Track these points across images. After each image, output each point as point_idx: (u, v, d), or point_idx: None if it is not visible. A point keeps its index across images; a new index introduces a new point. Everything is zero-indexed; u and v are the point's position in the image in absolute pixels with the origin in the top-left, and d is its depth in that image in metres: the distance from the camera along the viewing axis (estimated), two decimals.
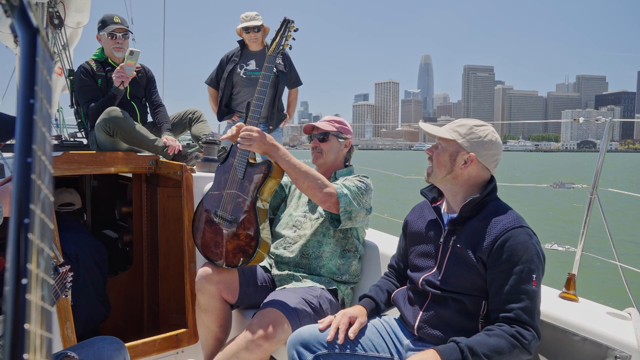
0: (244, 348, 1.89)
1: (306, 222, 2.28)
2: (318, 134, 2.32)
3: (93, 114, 3.11)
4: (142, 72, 3.41)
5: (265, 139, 2.00)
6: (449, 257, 1.64)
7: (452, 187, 1.70)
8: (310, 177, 2.02)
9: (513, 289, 1.47)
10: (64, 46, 4.10)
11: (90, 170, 2.83)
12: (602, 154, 2.14)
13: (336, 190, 2.05)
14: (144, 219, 3.42)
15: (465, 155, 1.64)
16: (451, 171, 1.66)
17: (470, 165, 1.65)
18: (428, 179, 1.75)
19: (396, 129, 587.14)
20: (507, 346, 1.40)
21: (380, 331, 1.77)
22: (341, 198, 2.05)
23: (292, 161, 2.03)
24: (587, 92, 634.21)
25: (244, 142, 2.00)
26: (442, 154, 1.68)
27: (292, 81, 4.38)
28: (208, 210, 2.17)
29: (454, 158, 1.65)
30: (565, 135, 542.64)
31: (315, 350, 1.66)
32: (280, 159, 2.02)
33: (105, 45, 3.22)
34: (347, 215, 2.07)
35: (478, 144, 1.63)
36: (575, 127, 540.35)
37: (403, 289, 1.86)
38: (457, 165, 1.65)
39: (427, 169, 1.75)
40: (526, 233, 1.54)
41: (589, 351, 1.53)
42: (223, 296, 2.15)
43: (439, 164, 1.68)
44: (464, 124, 1.67)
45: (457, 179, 1.67)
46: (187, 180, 2.75)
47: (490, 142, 1.64)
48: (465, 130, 1.65)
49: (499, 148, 1.67)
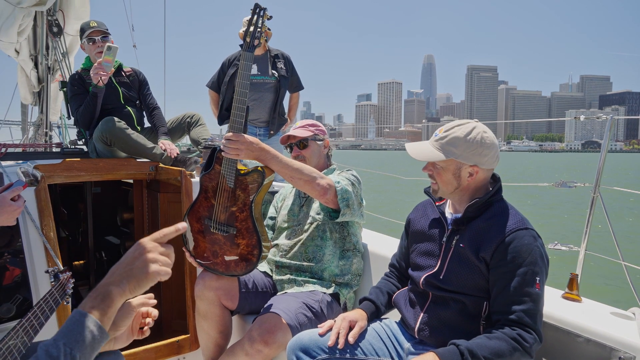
0: (244, 353, 1.88)
1: (300, 229, 2.27)
2: (297, 142, 2.33)
3: (80, 117, 3.10)
4: (133, 75, 3.39)
5: (253, 146, 1.94)
6: (452, 256, 1.62)
7: (462, 197, 1.67)
8: (305, 172, 2.01)
9: (516, 291, 1.45)
10: (63, 54, 4.11)
11: (90, 177, 2.84)
12: (603, 152, 2.12)
13: (333, 182, 2.05)
14: (145, 225, 3.42)
15: (468, 168, 1.61)
16: (459, 186, 1.64)
17: (477, 175, 1.62)
18: (436, 195, 1.71)
19: (399, 129, 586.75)
20: (507, 349, 1.38)
21: (380, 335, 1.75)
22: (337, 187, 2.06)
23: (284, 161, 1.99)
24: (591, 92, 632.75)
25: (231, 152, 1.92)
26: (443, 173, 1.64)
27: (293, 85, 4.37)
28: (200, 219, 2.08)
29: (457, 175, 1.62)
30: (570, 135, 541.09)
31: (315, 355, 1.64)
32: (272, 161, 1.97)
33: (89, 52, 3.22)
34: (345, 203, 2.07)
35: (476, 154, 1.59)
36: (580, 127, 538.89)
37: (404, 291, 1.84)
38: (463, 179, 1.63)
39: (432, 186, 1.71)
40: (531, 235, 1.52)
41: (592, 352, 1.51)
42: (222, 302, 2.13)
43: (444, 183, 1.65)
44: (454, 139, 1.59)
45: (467, 189, 1.65)
46: (187, 186, 2.75)
47: (486, 146, 1.59)
48: (458, 145, 1.59)
49: (495, 145, 1.62)
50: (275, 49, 4.22)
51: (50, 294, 1.46)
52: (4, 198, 1.51)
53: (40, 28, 4.05)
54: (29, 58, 4.62)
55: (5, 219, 1.50)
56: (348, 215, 2.13)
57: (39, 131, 5.25)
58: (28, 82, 5.06)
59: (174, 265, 3.46)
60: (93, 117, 3.08)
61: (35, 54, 4.63)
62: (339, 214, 2.10)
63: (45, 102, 4.95)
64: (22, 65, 4.75)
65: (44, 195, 2.32)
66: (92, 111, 3.06)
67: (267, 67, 4.12)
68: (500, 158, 1.68)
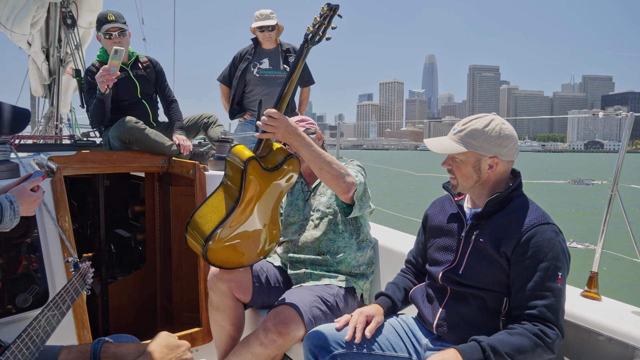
0: (259, 343, 1.88)
1: (310, 224, 2.25)
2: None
3: (92, 116, 3.10)
4: (150, 67, 3.32)
5: (291, 128, 1.82)
6: (471, 251, 1.61)
7: (481, 191, 1.66)
8: (334, 167, 1.94)
9: (538, 286, 1.44)
10: (76, 46, 4.11)
11: (103, 170, 2.84)
12: (623, 149, 2.10)
13: (355, 181, 2.02)
14: (156, 218, 3.42)
15: (488, 160, 1.59)
16: (479, 179, 1.62)
17: (497, 167, 1.60)
18: (456, 190, 1.70)
19: (401, 129, 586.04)
20: (530, 345, 1.37)
21: (397, 330, 1.75)
22: (359, 185, 2.03)
23: (317, 151, 1.91)
24: (593, 92, 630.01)
25: (267, 129, 1.79)
26: (463, 166, 1.62)
27: (304, 79, 4.35)
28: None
29: (477, 167, 1.60)
30: (572, 135, 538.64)
31: (332, 350, 1.63)
32: (305, 148, 1.87)
33: (105, 46, 3.16)
34: (359, 197, 2.05)
35: (496, 145, 1.57)
36: (582, 127, 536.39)
37: (421, 286, 1.83)
38: (483, 172, 1.60)
39: (451, 180, 1.70)
40: (553, 230, 1.50)
41: (614, 352, 1.49)
42: (235, 295, 2.13)
43: (464, 176, 1.63)
44: (473, 130, 1.58)
45: (487, 183, 1.63)
46: (200, 179, 2.75)
47: (505, 137, 1.58)
48: (477, 136, 1.57)
49: (514, 136, 1.61)
50: (286, 43, 4.20)
51: (71, 284, 1.47)
52: (24, 189, 1.51)
53: (53, 20, 4.06)
54: (41, 50, 4.63)
55: (25, 209, 1.50)
56: (360, 210, 2.12)
57: (50, 124, 5.26)
58: (39, 75, 5.07)
59: (186, 258, 3.43)
60: (104, 117, 3.07)
61: (48, 46, 4.64)
62: (352, 209, 2.09)
63: (56, 94, 4.95)
64: (34, 57, 4.76)
65: (59, 187, 2.32)
66: (101, 113, 3.03)
67: (279, 62, 4.11)
68: None
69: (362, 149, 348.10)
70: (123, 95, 3.15)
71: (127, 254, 3.94)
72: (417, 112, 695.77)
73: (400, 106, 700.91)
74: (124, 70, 3.17)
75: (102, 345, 1.23)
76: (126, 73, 3.18)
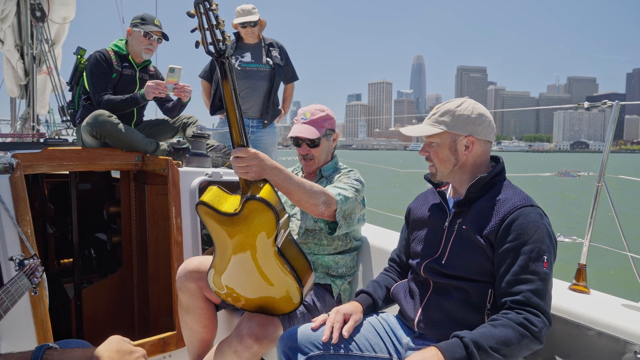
0: (232, 351, 1.76)
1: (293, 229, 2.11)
2: (306, 140, 2.10)
3: (106, 107, 2.90)
4: (155, 77, 3.28)
5: (266, 163, 1.65)
6: (454, 239, 1.53)
7: (461, 176, 1.60)
8: (315, 195, 1.78)
9: (522, 270, 1.36)
10: (47, 42, 3.97)
11: (73, 168, 2.70)
12: (608, 140, 2.06)
13: (336, 202, 1.86)
14: (132, 219, 3.30)
15: (463, 139, 1.55)
16: (457, 162, 1.57)
17: (473, 146, 1.56)
18: (435, 178, 1.64)
19: (389, 129, 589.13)
20: (515, 336, 1.27)
21: (377, 329, 1.64)
22: (338, 203, 1.86)
23: (295, 181, 1.74)
24: (577, 94, 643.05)
25: (239, 171, 1.64)
26: (440, 150, 1.58)
27: (288, 76, 4.25)
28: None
29: (454, 148, 1.56)
30: (558, 135, 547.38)
31: (308, 352, 1.53)
32: (284, 182, 1.70)
33: (135, 42, 3.05)
34: (341, 215, 1.89)
35: (469, 123, 1.54)
36: (568, 127, 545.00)
37: (404, 282, 1.74)
38: (459, 153, 1.56)
39: (430, 169, 1.64)
40: (537, 213, 1.43)
41: (605, 346, 1.41)
42: (206, 295, 2.01)
43: (441, 160, 1.58)
44: (446, 111, 1.57)
45: (465, 166, 1.58)
46: (174, 175, 2.62)
47: (479, 115, 1.55)
48: (450, 116, 1.55)
49: (487, 115, 1.59)
50: (269, 37, 4.11)
51: (12, 283, 1.34)
52: None
53: (24, 15, 3.91)
54: (15, 48, 4.49)
55: None
56: (348, 228, 1.97)
57: (26, 125, 5.10)
58: (14, 74, 4.92)
59: (162, 260, 3.27)
60: (123, 112, 2.97)
61: (21, 44, 4.49)
62: (336, 228, 1.92)
63: (32, 95, 4.80)
64: (8, 56, 4.61)
65: (20, 185, 2.19)
66: (123, 110, 2.94)
67: (261, 55, 4.01)
68: None
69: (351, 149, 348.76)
70: (122, 90, 3.04)
71: (104, 257, 3.80)
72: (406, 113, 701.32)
73: (389, 106, 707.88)
74: (133, 69, 3.13)
75: (44, 352, 1.12)
76: (133, 72, 3.13)
